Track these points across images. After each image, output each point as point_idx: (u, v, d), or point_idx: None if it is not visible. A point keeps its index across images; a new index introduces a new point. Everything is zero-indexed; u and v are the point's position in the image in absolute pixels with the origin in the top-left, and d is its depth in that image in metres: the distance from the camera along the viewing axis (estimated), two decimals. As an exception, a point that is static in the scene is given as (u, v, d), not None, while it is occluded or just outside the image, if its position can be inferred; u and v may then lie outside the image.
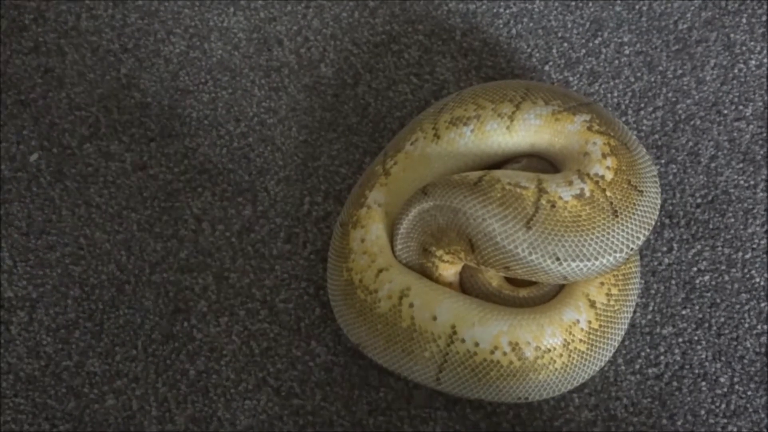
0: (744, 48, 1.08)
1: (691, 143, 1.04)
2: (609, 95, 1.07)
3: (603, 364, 0.90)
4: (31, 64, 1.10)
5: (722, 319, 0.97)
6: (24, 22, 1.12)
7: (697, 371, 0.95)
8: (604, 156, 0.87)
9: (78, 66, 1.09)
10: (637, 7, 1.11)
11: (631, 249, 0.86)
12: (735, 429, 0.93)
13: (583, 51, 1.09)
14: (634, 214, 0.86)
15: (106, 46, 1.10)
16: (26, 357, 0.97)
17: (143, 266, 1.01)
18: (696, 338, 0.97)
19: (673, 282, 0.99)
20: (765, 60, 1.08)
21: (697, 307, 0.98)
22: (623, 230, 0.85)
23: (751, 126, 1.05)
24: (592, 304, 0.88)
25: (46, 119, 1.07)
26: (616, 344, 0.91)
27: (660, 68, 1.08)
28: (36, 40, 1.11)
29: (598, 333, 0.88)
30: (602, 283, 0.89)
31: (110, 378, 0.96)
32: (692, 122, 1.05)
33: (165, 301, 0.99)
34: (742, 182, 1.02)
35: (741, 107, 1.06)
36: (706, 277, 0.99)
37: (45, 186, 1.04)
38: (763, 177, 1.03)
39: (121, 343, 0.98)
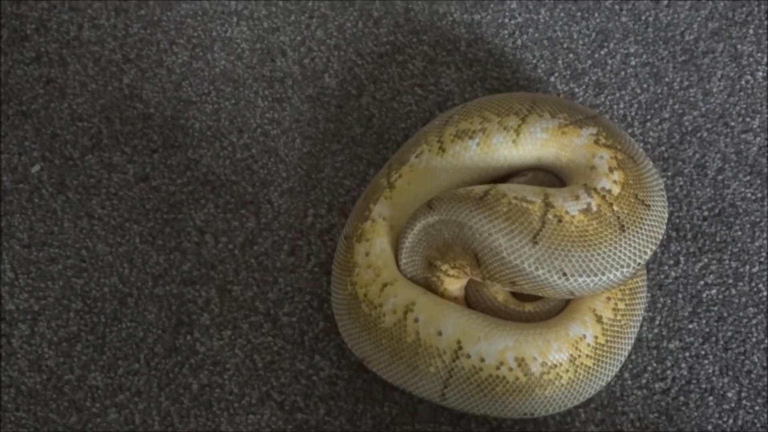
0: (751, 59, 1.08)
1: (697, 155, 1.04)
2: (615, 107, 1.06)
3: (609, 379, 0.90)
4: (33, 74, 1.09)
5: (729, 334, 0.97)
6: (25, 32, 1.11)
7: (704, 386, 0.95)
8: (611, 170, 0.87)
9: (80, 76, 1.09)
10: (643, 17, 1.10)
11: (638, 264, 0.85)
12: (742, 444, 0.93)
13: (589, 62, 1.08)
14: (641, 228, 0.85)
15: (108, 56, 1.10)
16: (28, 370, 0.97)
17: (146, 279, 1.00)
18: (703, 353, 0.96)
19: (680, 296, 0.98)
20: (772, 71, 1.08)
21: (704, 321, 0.97)
22: (630, 245, 0.84)
23: (759, 138, 1.04)
24: (599, 319, 0.87)
25: (47, 130, 1.06)
26: (623, 359, 0.90)
27: (666, 79, 1.07)
28: (38, 51, 1.10)
29: (605, 348, 0.87)
30: (609, 298, 0.88)
31: (113, 392, 0.96)
32: (699, 134, 1.05)
33: (168, 314, 0.98)
34: (749, 195, 1.02)
35: (748, 119, 1.05)
36: (713, 291, 0.98)
37: (47, 197, 1.03)
38: (771, 189, 1.02)
39: (123, 357, 0.97)
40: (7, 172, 1.05)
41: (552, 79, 1.08)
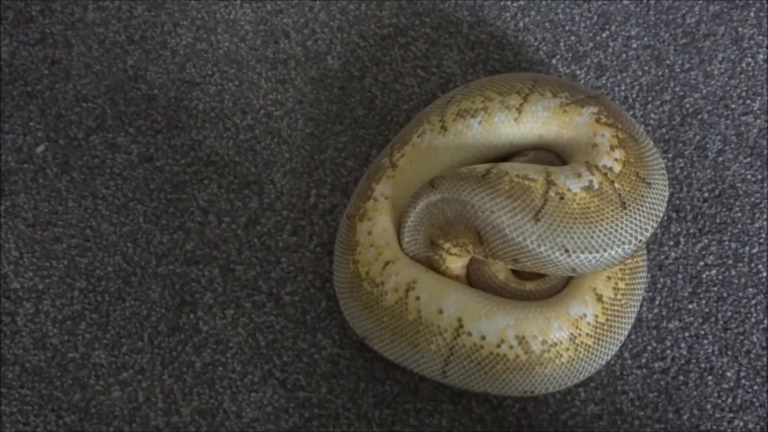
0: (752, 42, 1.08)
1: (698, 137, 1.04)
2: (616, 89, 1.06)
3: (609, 358, 0.90)
4: (38, 55, 1.09)
5: (729, 314, 0.97)
6: (31, 13, 1.11)
7: (703, 365, 0.95)
8: (612, 148, 0.87)
9: (84, 58, 1.09)
10: (644, 0, 1.11)
11: (640, 241, 0.86)
12: (741, 423, 0.93)
13: (591, 44, 1.09)
14: (642, 205, 0.86)
15: (112, 37, 1.10)
16: (32, 348, 0.97)
17: (149, 258, 1.01)
18: (702, 332, 0.97)
19: (680, 276, 0.99)
20: (773, 54, 1.08)
21: (703, 302, 0.98)
22: (632, 222, 0.85)
23: (759, 120, 1.05)
24: (599, 298, 0.88)
25: (52, 111, 1.07)
26: (623, 338, 0.91)
27: (667, 62, 1.08)
28: (43, 32, 1.11)
29: (605, 327, 0.88)
30: (609, 277, 0.89)
31: (116, 370, 0.96)
32: (700, 116, 1.05)
33: (171, 293, 0.99)
34: (749, 176, 1.02)
35: (749, 101, 1.06)
36: (713, 272, 0.99)
37: (51, 177, 1.04)
38: (771, 171, 1.03)
39: (127, 335, 0.98)
40: (12, 152, 1.05)
41: (554, 61, 1.08)
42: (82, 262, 1.00)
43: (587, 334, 0.87)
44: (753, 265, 0.99)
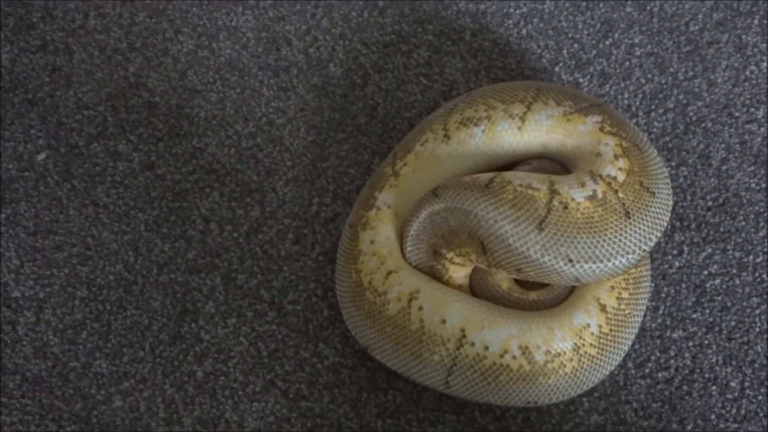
0: (756, 50, 1.08)
1: (702, 146, 1.04)
2: (619, 97, 1.06)
3: (613, 368, 0.90)
4: (39, 62, 1.09)
5: (733, 323, 0.97)
6: (31, 20, 1.11)
7: (707, 375, 0.95)
8: (616, 157, 0.87)
9: (85, 65, 1.09)
10: (648, 8, 1.10)
11: (644, 250, 0.85)
12: (746, 433, 0.93)
13: (594, 52, 1.08)
14: (646, 215, 0.85)
15: (113, 45, 1.10)
16: (33, 358, 0.97)
17: (151, 267, 1.00)
18: (706, 342, 0.96)
19: (684, 285, 0.98)
20: (776, 62, 1.08)
21: (707, 311, 0.97)
22: (636, 231, 0.85)
23: (763, 128, 1.04)
24: (603, 308, 0.87)
25: (53, 118, 1.07)
26: (627, 348, 0.90)
27: (671, 70, 1.07)
28: (43, 39, 1.10)
29: (609, 337, 0.87)
30: (613, 287, 0.88)
31: (117, 379, 0.96)
32: (703, 124, 1.05)
33: (173, 302, 0.99)
34: (753, 185, 1.02)
35: (752, 109, 1.05)
36: (717, 281, 0.98)
37: (52, 185, 1.04)
38: (775, 180, 1.02)
39: (128, 344, 0.97)
40: (12, 159, 1.05)
41: (557, 69, 1.08)
42: (83, 271, 1.00)
43: (591, 344, 0.86)
44: (757, 274, 0.98)
